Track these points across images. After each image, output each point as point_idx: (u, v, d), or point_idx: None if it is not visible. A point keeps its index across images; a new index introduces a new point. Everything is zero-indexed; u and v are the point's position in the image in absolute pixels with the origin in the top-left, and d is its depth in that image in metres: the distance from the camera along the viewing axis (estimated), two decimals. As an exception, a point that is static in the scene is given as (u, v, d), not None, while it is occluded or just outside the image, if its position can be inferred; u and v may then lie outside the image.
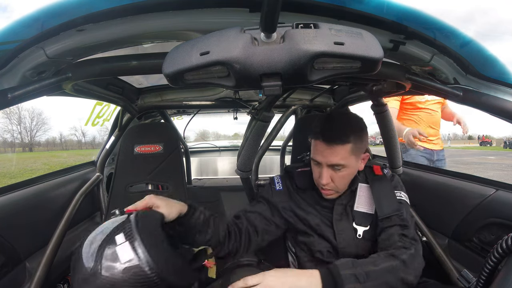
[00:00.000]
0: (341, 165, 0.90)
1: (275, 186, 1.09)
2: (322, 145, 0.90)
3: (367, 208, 0.99)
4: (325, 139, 0.89)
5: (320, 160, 0.92)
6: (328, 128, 0.90)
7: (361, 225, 0.97)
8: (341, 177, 0.93)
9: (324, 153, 0.90)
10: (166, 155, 1.48)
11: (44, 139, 44.88)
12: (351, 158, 0.90)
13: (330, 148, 0.89)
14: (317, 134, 0.91)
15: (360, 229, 0.97)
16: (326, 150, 0.89)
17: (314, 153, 0.94)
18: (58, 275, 1.25)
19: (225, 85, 0.54)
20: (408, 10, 0.57)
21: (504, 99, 0.66)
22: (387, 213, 0.93)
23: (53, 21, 0.53)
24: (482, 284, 0.60)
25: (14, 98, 0.60)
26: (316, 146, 0.92)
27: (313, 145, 0.94)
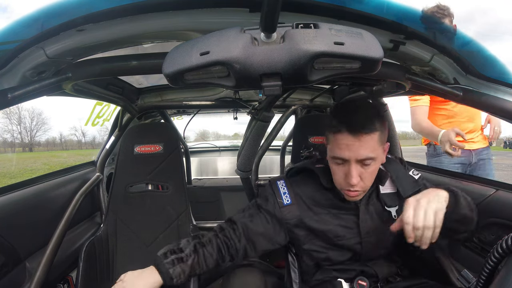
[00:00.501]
0: (370, 158, 0.78)
1: (282, 200, 0.92)
2: (348, 137, 0.77)
3: (390, 188, 0.93)
4: (351, 129, 0.76)
5: (347, 156, 0.78)
6: (351, 117, 0.78)
7: (391, 206, 0.91)
8: (370, 174, 0.81)
9: (351, 147, 0.77)
10: (166, 155, 1.48)
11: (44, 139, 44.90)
12: (379, 149, 0.80)
13: (358, 139, 0.76)
14: (340, 125, 0.78)
15: (393, 210, 0.91)
16: (354, 143, 0.77)
17: (337, 150, 0.80)
18: (58, 275, 1.25)
19: (225, 85, 0.54)
20: (408, 10, 0.57)
21: (504, 99, 0.66)
22: (410, 191, 0.89)
23: (53, 21, 0.53)
24: (482, 284, 0.60)
25: (14, 98, 0.60)
26: (340, 141, 0.78)
27: (333, 140, 0.80)
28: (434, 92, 0.82)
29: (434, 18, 0.71)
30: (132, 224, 1.41)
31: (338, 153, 0.80)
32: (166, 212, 1.44)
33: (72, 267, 1.33)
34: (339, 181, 0.85)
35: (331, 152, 0.83)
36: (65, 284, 1.31)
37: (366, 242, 0.90)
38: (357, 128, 0.77)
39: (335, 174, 0.85)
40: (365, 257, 0.92)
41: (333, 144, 0.82)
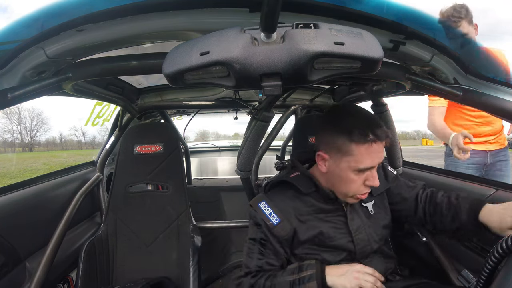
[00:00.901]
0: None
1: (272, 222, 0.90)
2: (378, 145, 0.81)
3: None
4: (380, 139, 0.80)
5: (377, 162, 0.82)
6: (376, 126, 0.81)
7: (367, 202, 0.96)
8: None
9: (380, 154, 0.82)
10: (166, 155, 1.48)
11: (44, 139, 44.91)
12: None
13: (383, 144, 0.82)
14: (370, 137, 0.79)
15: (369, 205, 0.97)
16: (381, 150, 0.82)
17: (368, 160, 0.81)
18: (58, 275, 1.25)
19: (225, 85, 0.54)
20: (408, 10, 0.57)
21: (504, 99, 0.66)
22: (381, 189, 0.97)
23: (53, 21, 0.53)
24: (482, 284, 0.60)
25: (14, 98, 0.60)
26: (371, 150, 0.80)
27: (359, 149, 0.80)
28: (434, 92, 0.82)
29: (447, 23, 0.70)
30: (132, 224, 1.41)
31: (370, 164, 0.81)
32: (166, 212, 1.44)
33: (72, 267, 1.33)
34: (356, 189, 0.85)
35: (356, 164, 0.81)
36: (65, 284, 1.31)
37: (357, 239, 0.92)
38: (384, 136, 0.81)
39: (354, 183, 0.84)
40: (359, 255, 0.93)
41: (362, 156, 0.80)
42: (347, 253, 0.93)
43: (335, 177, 0.87)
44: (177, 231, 1.42)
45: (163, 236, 1.41)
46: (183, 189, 1.47)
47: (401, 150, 1.42)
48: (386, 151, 1.39)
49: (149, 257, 1.39)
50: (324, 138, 0.89)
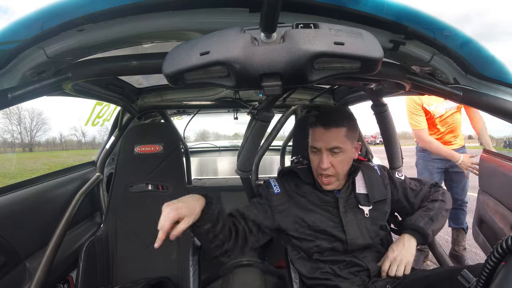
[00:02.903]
0: (338, 147, 0.97)
1: (273, 190, 1.09)
2: (320, 130, 0.99)
3: (364, 189, 1.08)
4: (323, 124, 0.98)
5: (320, 145, 0.99)
6: (325, 115, 1.02)
7: (365, 205, 1.05)
8: (339, 162, 0.99)
9: (323, 137, 0.98)
10: (166, 155, 1.48)
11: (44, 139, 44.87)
12: (347, 143, 0.99)
13: (328, 131, 0.97)
14: (315, 122, 1.01)
15: (366, 209, 1.05)
16: (324, 134, 0.98)
17: (313, 141, 1.01)
18: (58, 275, 1.25)
19: (225, 85, 0.54)
20: (408, 10, 0.57)
21: (504, 99, 0.66)
22: (378, 198, 1.07)
23: (53, 21, 0.53)
24: (482, 284, 0.60)
25: (14, 98, 0.60)
26: (315, 133, 1.00)
27: (311, 133, 1.02)
28: (434, 92, 0.82)
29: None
30: (132, 224, 1.41)
31: (313, 144, 1.01)
32: None
33: (72, 267, 1.33)
34: (315, 168, 1.03)
35: (310, 143, 1.03)
36: (65, 284, 1.31)
37: (349, 230, 1.01)
38: (328, 122, 0.98)
39: (313, 162, 1.04)
40: (351, 246, 1.00)
41: (311, 137, 1.03)
42: (340, 243, 1.01)
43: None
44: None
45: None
46: (183, 189, 1.47)
47: (401, 150, 1.41)
48: (386, 151, 1.39)
49: (149, 257, 1.39)
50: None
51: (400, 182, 1.15)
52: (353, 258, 1.01)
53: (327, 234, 1.01)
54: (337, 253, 1.01)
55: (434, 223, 1.03)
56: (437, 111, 2.15)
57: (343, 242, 1.00)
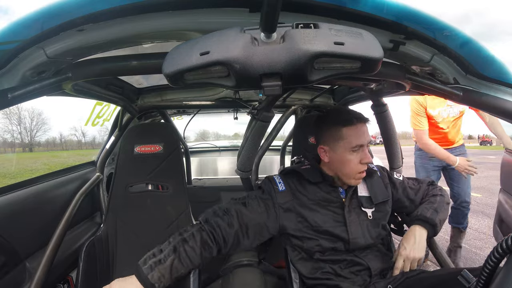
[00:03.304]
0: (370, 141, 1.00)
1: (278, 187, 1.05)
2: (362, 126, 0.98)
3: (365, 192, 1.08)
4: (361, 120, 0.98)
5: (364, 141, 0.98)
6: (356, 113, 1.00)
7: (368, 207, 1.05)
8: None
9: (366, 133, 0.99)
10: (166, 155, 1.48)
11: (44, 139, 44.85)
12: None
13: (366, 126, 1.00)
14: (353, 119, 0.98)
15: (369, 211, 1.05)
16: (366, 129, 0.99)
17: (355, 139, 0.97)
18: (58, 275, 1.25)
19: (225, 85, 0.54)
20: (408, 10, 0.57)
21: (504, 99, 0.66)
22: (380, 199, 1.07)
23: (53, 21, 0.53)
24: (482, 284, 0.60)
25: (14, 98, 0.60)
26: (357, 130, 0.98)
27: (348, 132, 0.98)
28: (434, 92, 0.82)
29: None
30: (132, 224, 1.41)
31: (358, 141, 0.97)
32: (166, 212, 1.43)
33: (72, 267, 1.33)
34: (355, 168, 0.99)
35: (349, 144, 0.98)
36: (65, 284, 1.31)
37: (351, 229, 1.00)
38: (363, 118, 0.99)
39: (351, 162, 0.99)
40: (353, 245, 1.00)
41: (351, 136, 0.97)
42: (342, 242, 1.01)
43: (336, 162, 1.02)
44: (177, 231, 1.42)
45: (163, 236, 1.41)
46: (183, 189, 1.47)
47: (401, 150, 1.42)
48: (386, 151, 1.39)
49: None
50: (320, 133, 1.06)
51: (399, 182, 1.17)
52: (354, 258, 1.01)
53: (329, 234, 1.00)
54: (339, 253, 1.01)
55: (439, 214, 1.06)
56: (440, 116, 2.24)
57: (345, 241, 1.00)
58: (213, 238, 0.92)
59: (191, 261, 0.87)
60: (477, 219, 3.79)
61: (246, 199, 1.04)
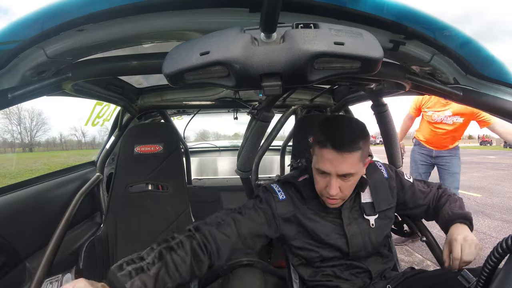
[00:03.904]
0: (350, 174, 0.85)
1: (277, 195, 0.97)
2: (331, 153, 0.83)
3: (369, 198, 1.01)
4: (335, 147, 0.83)
5: (329, 170, 0.85)
6: (337, 135, 0.84)
7: (370, 215, 0.99)
8: (349, 186, 0.89)
9: (334, 162, 0.84)
10: (166, 155, 1.48)
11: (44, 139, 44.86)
12: (359, 165, 0.87)
13: (341, 156, 0.83)
14: (325, 141, 0.84)
15: (372, 219, 0.99)
16: (336, 159, 0.83)
17: (321, 162, 0.86)
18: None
19: (225, 85, 0.54)
20: (408, 10, 0.57)
21: (504, 99, 0.66)
22: (384, 207, 1.01)
23: (53, 21, 0.53)
24: (482, 284, 0.60)
25: (14, 98, 0.60)
26: (324, 155, 0.85)
27: (319, 153, 0.87)
28: (434, 92, 0.82)
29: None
30: (132, 224, 1.41)
31: (321, 166, 0.87)
32: (166, 212, 1.43)
33: (72, 267, 1.33)
34: (319, 189, 0.92)
35: (315, 164, 0.90)
36: (65, 284, 1.31)
37: (352, 243, 0.96)
38: (341, 146, 0.83)
39: (317, 183, 0.91)
40: (353, 255, 0.97)
41: (318, 157, 0.88)
42: (340, 253, 0.97)
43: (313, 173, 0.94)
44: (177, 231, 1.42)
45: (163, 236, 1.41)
46: (183, 189, 1.47)
47: (401, 150, 1.42)
48: (386, 151, 1.40)
49: None
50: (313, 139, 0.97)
51: (409, 185, 1.09)
52: (354, 262, 0.99)
53: (330, 246, 0.97)
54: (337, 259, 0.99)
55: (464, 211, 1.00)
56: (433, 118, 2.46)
57: (345, 254, 0.97)
58: (205, 249, 0.80)
59: (180, 273, 0.74)
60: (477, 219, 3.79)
61: (242, 208, 0.95)
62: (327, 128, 0.87)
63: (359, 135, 0.86)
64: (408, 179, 1.11)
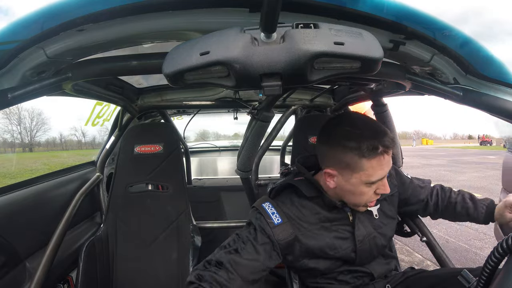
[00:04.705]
0: None
1: (273, 221, 0.86)
2: (386, 158, 0.80)
3: None
4: (387, 151, 0.80)
5: (387, 172, 0.83)
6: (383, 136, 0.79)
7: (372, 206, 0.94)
8: None
9: (387, 164, 0.82)
10: (166, 155, 1.48)
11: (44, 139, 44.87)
12: None
13: (391, 152, 0.82)
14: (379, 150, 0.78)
15: (374, 209, 0.96)
16: (388, 161, 0.81)
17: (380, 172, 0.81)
18: (58, 275, 1.25)
19: (225, 85, 0.54)
20: (408, 10, 0.57)
21: (504, 99, 0.66)
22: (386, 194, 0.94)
23: (53, 21, 0.53)
24: (482, 284, 0.60)
25: (14, 98, 0.60)
26: (381, 162, 0.80)
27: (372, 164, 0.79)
28: (434, 92, 0.82)
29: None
30: (132, 224, 1.41)
31: (381, 175, 0.81)
32: (166, 212, 1.44)
33: (72, 267, 1.33)
34: (366, 199, 0.85)
35: (368, 178, 0.80)
36: (65, 284, 1.31)
37: (360, 249, 0.92)
38: (391, 145, 0.80)
39: (365, 195, 0.84)
40: (359, 262, 0.94)
41: (373, 169, 0.80)
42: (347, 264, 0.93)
43: (345, 191, 0.86)
44: (177, 231, 1.42)
45: (163, 236, 1.41)
46: (183, 189, 1.47)
47: (401, 150, 1.42)
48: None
49: (149, 257, 1.39)
50: (330, 154, 0.85)
51: (409, 182, 1.09)
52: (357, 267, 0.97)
53: (335, 259, 0.92)
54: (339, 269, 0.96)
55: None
56: None
57: (351, 263, 0.93)
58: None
59: None
60: (477, 219, 3.79)
61: (237, 243, 0.85)
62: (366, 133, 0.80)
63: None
64: (407, 176, 1.11)
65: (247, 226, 0.90)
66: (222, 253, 0.83)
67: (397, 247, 2.82)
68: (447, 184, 1.43)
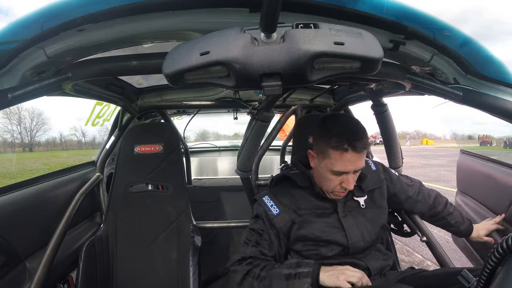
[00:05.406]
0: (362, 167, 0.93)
1: (272, 212, 1.01)
2: (352, 155, 0.89)
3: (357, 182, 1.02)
4: (356, 149, 0.88)
5: (349, 170, 0.91)
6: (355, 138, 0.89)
7: (359, 196, 1.04)
8: (356, 177, 0.96)
9: (354, 162, 0.90)
10: (166, 155, 1.48)
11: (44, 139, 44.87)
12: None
13: (359, 155, 0.90)
14: (344, 145, 0.88)
15: (361, 200, 1.04)
16: (356, 159, 0.90)
17: (340, 165, 0.90)
18: (58, 275, 1.25)
19: (225, 85, 0.54)
20: (408, 10, 0.57)
21: (504, 99, 0.66)
22: (371, 186, 1.06)
23: (53, 21, 0.53)
24: (482, 284, 0.60)
25: (14, 98, 0.60)
26: (345, 158, 0.89)
27: (337, 156, 0.90)
28: (434, 92, 0.82)
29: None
30: (132, 224, 1.41)
31: (341, 168, 0.91)
32: (166, 212, 1.44)
33: (72, 267, 1.33)
34: (333, 187, 0.96)
35: (331, 166, 0.92)
36: (65, 284, 1.31)
37: (350, 234, 0.99)
38: (360, 147, 0.89)
39: (331, 182, 0.95)
40: (353, 249, 0.99)
41: (336, 160, 0.91)
42: (341, 248, 0.99)
43: (319, 174, 0.99)
44: (177, 231, 1.42)
45: (163, 236, 1.41)
46: (183, 189, 1.47)
47: (401, 150, 1.42)
48: (386, 151, 1.40)
49: (149, 257, 1.39)
50: (315, 139, 1.02)
51: (396, 178, 1.18)
52: (353, 260, 1.00)
53: (329, 243, 0.99)
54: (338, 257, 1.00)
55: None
56: None
57: (344, 247, 0.99)
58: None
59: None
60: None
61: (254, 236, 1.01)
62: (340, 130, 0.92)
63: (366, 132, 0.93)
64: (394, 173, 1.20)
65: (255, 218, 1.05)
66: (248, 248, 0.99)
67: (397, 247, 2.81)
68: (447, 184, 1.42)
